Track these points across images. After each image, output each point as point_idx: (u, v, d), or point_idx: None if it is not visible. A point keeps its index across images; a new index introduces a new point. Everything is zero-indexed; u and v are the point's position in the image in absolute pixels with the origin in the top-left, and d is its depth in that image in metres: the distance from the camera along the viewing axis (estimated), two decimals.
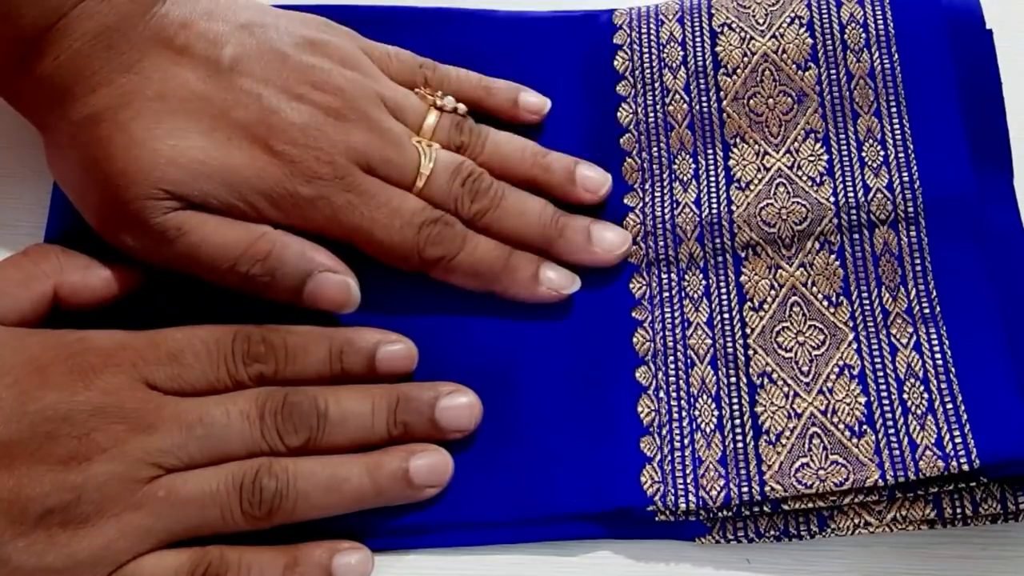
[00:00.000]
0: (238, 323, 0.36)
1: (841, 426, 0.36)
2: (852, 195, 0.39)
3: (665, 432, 0.37)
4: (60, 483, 0.32)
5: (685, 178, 0.40)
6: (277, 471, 0.34)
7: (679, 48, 0.42)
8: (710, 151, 0.40)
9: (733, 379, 0.37)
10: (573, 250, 0.39)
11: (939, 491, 0.35)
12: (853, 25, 0.41)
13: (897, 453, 0.35)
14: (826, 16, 0.41)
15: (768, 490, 0.35)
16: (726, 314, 0.38)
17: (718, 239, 0.39)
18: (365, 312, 0.38)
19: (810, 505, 0.35)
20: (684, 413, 0.37)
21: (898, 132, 0.39)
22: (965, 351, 0.36)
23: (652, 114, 0.41)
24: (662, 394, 0.37)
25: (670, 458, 0.36)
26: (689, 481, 0.36)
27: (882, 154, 0.39)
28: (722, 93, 0.41)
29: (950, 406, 0.35)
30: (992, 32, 0.41)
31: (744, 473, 0.36)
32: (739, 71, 0.41)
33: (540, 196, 0.40)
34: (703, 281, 0.39)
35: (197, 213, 0.35)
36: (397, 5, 0.44)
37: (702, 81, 0.41)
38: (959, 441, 0.35)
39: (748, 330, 0.38)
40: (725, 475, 0.36)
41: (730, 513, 0.35)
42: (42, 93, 0.35)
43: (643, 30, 0.42)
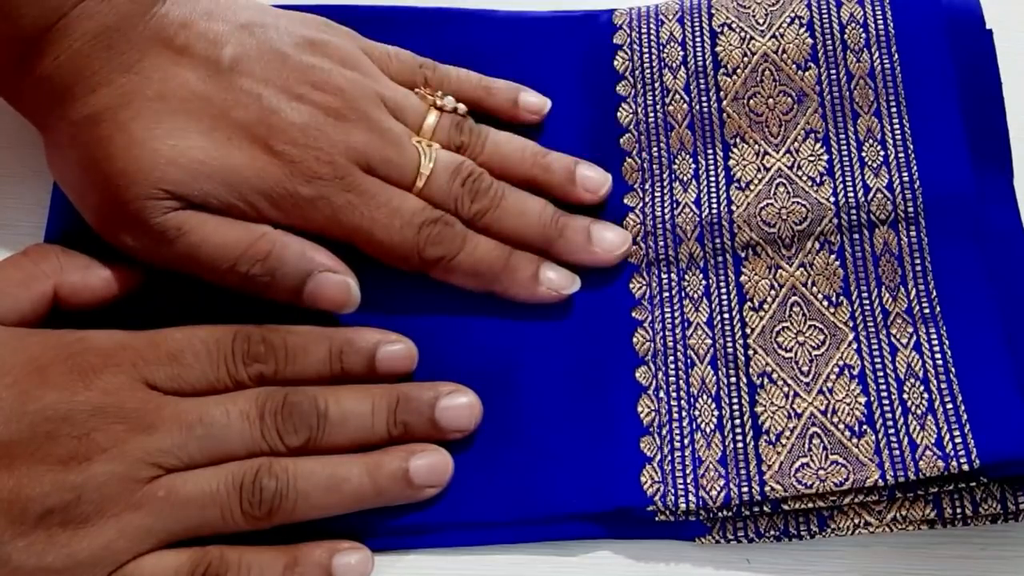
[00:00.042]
0: (238, 323, 0.36)
1: (841, 426, 0.36)
2: (852, 195, 0.39)
3: (665, 432, 0.37)
4: (60, 483, 0.32)
5: (685, 178, 0.40)
6: (277, 471, 0.34)
7: (679, 48, 0.42)
8: (710, 151, 0.40)
9: (733, 379, 0.37)
10: (573, 250, 0.39)
11: (939, 491, 0.35)
12: (853, 25, 0.41)
13: (897, 453, 0.35)
14: (826, 16, 0.41)
15: (768, 490, 0.35)
16: (726, 314, 0.38)
17: (718, 239, 0.39)
18: (365, 312, 0.38)
19: (810, 505, 0.35)
20: (684, 413, 0.37)
21: (898, 132, 0.39)
22: (965, 351, 0.36)
23: (652, 114, 0.41)
24: (662, 394, 0.37)
25: (670, 458, 0.36)
26: (689, 481, 0.36)
27: (882, 154, 0.39)
28: (722, 93, 0.41)
29: (950, 406, 0.35)
30: (992, 32, 0.41)
31: (744, 473, 0.36)
32: (739, 71, 0.41)
33: (540, 196, 0.40)
34: (703, 281, 0.39)
35: (197, 213, 0.35)
36: (397, 5, 0.44)
37: (702, 81, 0.41)
38: (959, 441, 0.35)
39: (748, 330, 0.38)
40: (725, 475, 0.36)
41: (730, 513, 0.35)
42: (42, 93, 0.35)
43: (643, 30, 0.42)
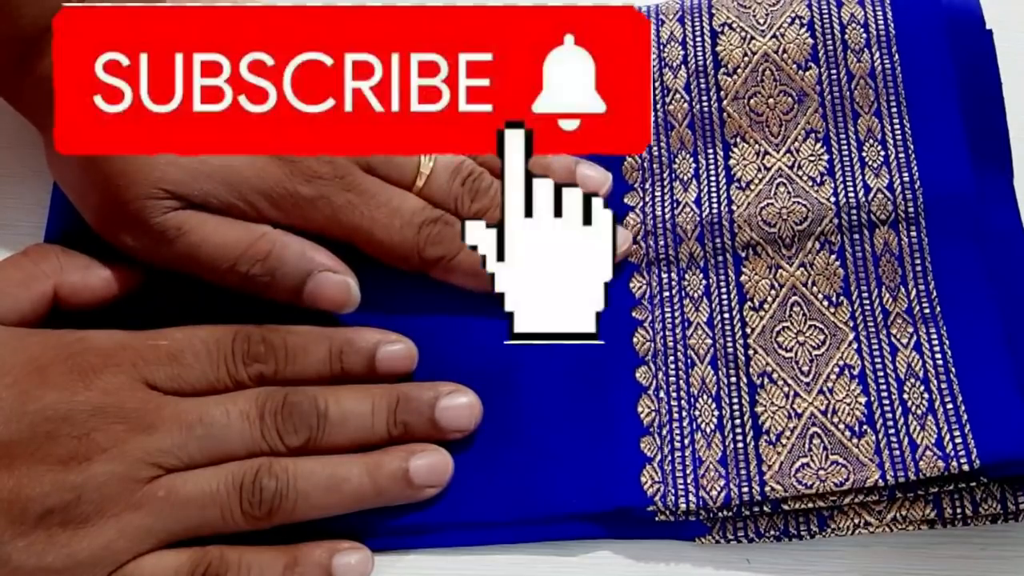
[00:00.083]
0: (238, 323, 0.36)
1: (841, 426, 0.36)
2: (853, 195, 0.39)
3: (665, 432, 0.37)
4: (60, 483, 0.32)
5: (685, 177, 0.40)
6: (277, 471, 0.34)
7: (679, 47, 0.42)
8: (710, 150, 0.40)
9: (733, 379, 0.37)
10: None
11: (939, 491, 0.35)
12: (854, 25, 0.41)
13: (897, 453, 0.35)
14: (827, 16, 0.41)
15: (768, 490, 0.35)
16: (726, 314, 0.38)
17: (718, 239, 0.39)
18: (365, 312, 0.38)
19: (810, 505, 0.35)
20: (684, 413, 0.37)
21: (898, 132, 0.39)
22: (965, 351, 0.36)
23: (652, 113, 0.41)
24: (662, 394, 0.37)
25: (670, 458, 0.36)
26: (689, 481, 0.36)
27: (882, 154, 0.39)
28: (722, 93, 0.41)
29: (950, 406, 0.35)
30: (992, 32, 0.41)
31: (744, 473, 0.36)
32: (739, 71, 0.41)
33: None
34: (703, 281, 0.39)
35: (197, 213, 0.35)
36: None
37: (702, 80, 0.41)
38: (959, 441, 0.35)
39: (748, 330, 0.38)
40: (725, 475, 0.36)
41: (730, 513, 0.35)
42: (42, 93, 0.35)
43: None
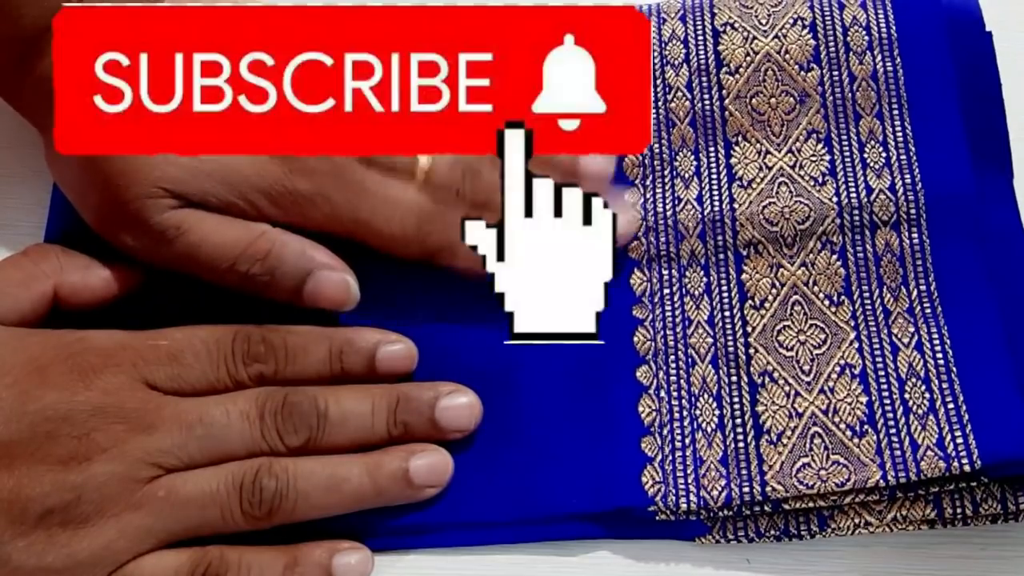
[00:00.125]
0: (238, 323, 0.36)
1: (842, 426, 0.36)
2: (855, 196, 0.39)
3: (666, 432, 0.37)
4: (60, 483, 0.32)
5: (687, 175, 0.40)
6: (277, 471, 0.34)
7: (681, 46, 0.41)
8: (712, 149, 0.40)
9: (734, 378, 0.37)
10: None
11: (939, 491, 0.35)
12: (856, 28, 0.41)
13: (899, 453, 0.35)
14: (829, 18, 0.41)
15: (769, 490, 0.35)
16: (727, 312, 0.38)
17: (720, 236, 0.39)
18: (365, 312, 0.38)
19: (810, 505, 0.35)
20: (685, 412, 0.37)
21: (900, 134, 0.39)
22: (966, 351, 0.36)
23: (654, 110, 0.41)
24: (663, 393, 0.37)
25: (671, 458, 0.36)
26: (690, 481, 0.36)
27: (884, 155, 0.39)
28: (724, 91, 0.41)
29: (951, 406, 0.35)
30: (991, 34, 0.41)
31: (745, 473, 0.35)
32: (741, 70, 0.41)
33: None
34: (704, 278, 0.39)
35: (196, 212, 0.35)
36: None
37: (704, 79, 0.41)
38: (960, 442, 0.35)
39: (749, 328, 0.38)
40: (726, 475, 0.36)
41: (731, 513, 0.35)
42: (42, 93, 0.35)
43: None
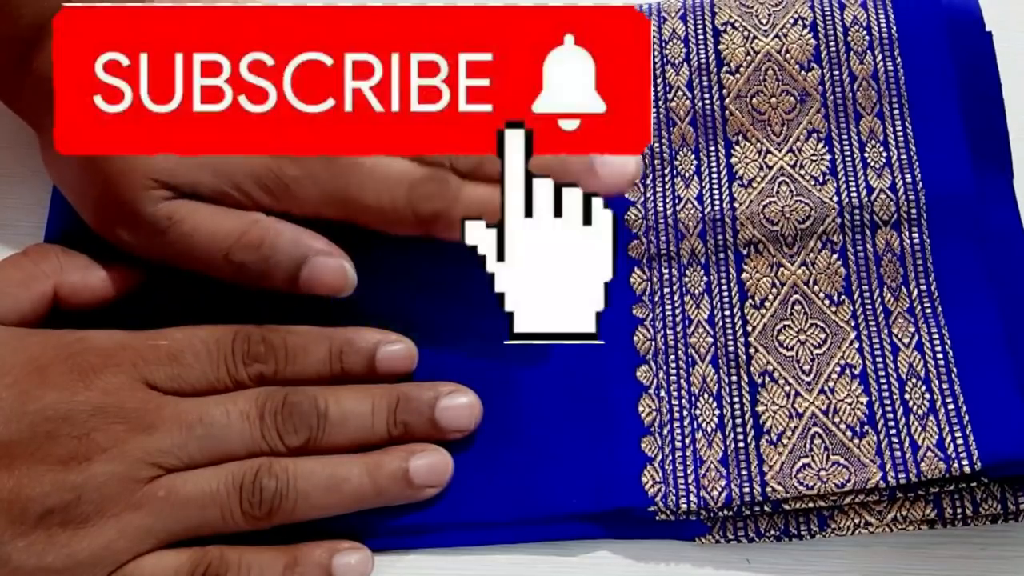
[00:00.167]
0: (238, 323, 0.36)
1: (843, 426, 0.36)
2: (856, 195, 0.38)
3: (666, 432, 0.37)
4: (60, 483, 0.32)
5: (687, 174, 0.40)
6: (277, 471, 0.34)
7: (681, 45, 0.41)
8: (712, 148, 0.40)
9: (734, 378, 0.37)
10: (576, 180, 0.36)
11: (939, 491, 0.35)
12: (856, 27, 0.41)
13: (899, 454, 0.35)
14: (829, 18, 0.41)
15: (769, 491, 0.35)
16: (727, 311, 0.38)
17: (720, 236, 0.39)
18: (365, 312, 0.37)
19: (810, 505, 0.35)
20: (685, 412, 0.37)
21: (900, 133, 0.39)
22: (966, 351, 0.36)
23: (654, 109, 0.41)
24: (663, 393, 0.37)
25: (671, 458, 0.36)
26: (690, 481, 0.36)
27: (885, 155, 0.39)
28: (725, 91, 0.41)
29: (951, 406, 0.35)
30: (992, 34, 0.41)
31: (745, 473, 0.35)
32: (742, 69, 0.41)
33: None
34: (704, 277, 0.39)
35: (188, 202, 0.35)
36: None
37: (704, 78, 0.41)
38: (960, 442, 0.35)
39: (749, 328, 0.38)
40: (726, 475, 0.36)
41: (731, 513, 0.35)
42: (41, 93, 0.35)
43: None
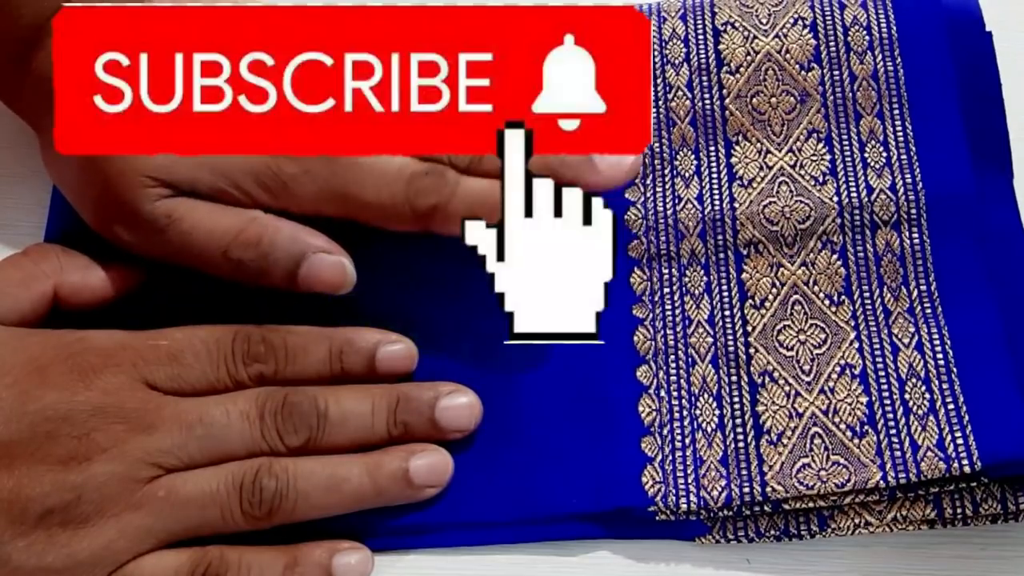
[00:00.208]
0: (238, 323, 0.36)
1: (843, 426, 0.36)
2: (856, 195, 0.38)
3: (666, 432, 0.37)
4: (60, 483, 0.32)
5: (687, 174, 0.40)
6: (277, 471, 0.34)
7: (681, 45, 0.41)
8: (712, 148, 0.40)
9: (734, 378, 0.37)
10: (576, 174, 0.36)
11: (939, 491, 0.35)
12: (856, 27, 0.41)
13: (899, 454, 0.35)
14: (829, 18, 0.41)
15: (769, 491, 0.35)
16: (727, 311, 0.38)
17: (720, 236, 0.39)
18: (364, 311, 0.38)
19: (810, 505, 0.35)
20: (685, 412, 0.37)
21: (900, 133, 0.39)
22: (966, 351, 0.36)
23: (654, 109, 0.41)
24: (663, 393, 0.37)
25: (671, 458, 0.36)
26: (690, 481, 0.36)
27: (884, 155, 0.39)
28: (725, 91, 0.41)
29: (951, 406, 0.35)
30: (992, 34, 0.41)
31: (745, 473, 0.35)
32: (742, 69, 0.41)
33: None
34: (704, 277, 0.39)
35: (187, 200, 0.35)
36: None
37: (704, 78, 0.41)
38: (960, 442, 0.35)
39: (749, 328, 0.38)
40: (726, 475, 0.36)
41: (731, 513, 0.35)
42: (40, 93, 0.35)
43: None
